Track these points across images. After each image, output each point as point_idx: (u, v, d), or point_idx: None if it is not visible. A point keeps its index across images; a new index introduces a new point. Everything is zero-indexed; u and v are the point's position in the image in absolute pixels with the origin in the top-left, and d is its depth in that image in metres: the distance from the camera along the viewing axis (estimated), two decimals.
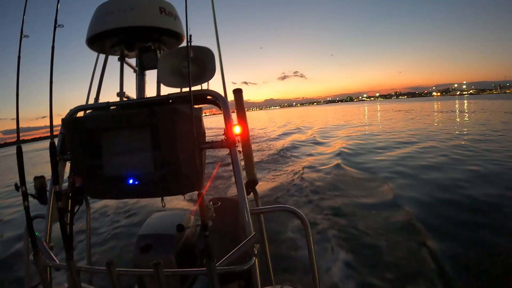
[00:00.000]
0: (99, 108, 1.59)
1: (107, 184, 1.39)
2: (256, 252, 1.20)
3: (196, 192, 1.23)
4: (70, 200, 1.34)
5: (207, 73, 1.47)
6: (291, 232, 4.38)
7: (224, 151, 1.43)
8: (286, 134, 21.27)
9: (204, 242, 1.10)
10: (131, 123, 1.33)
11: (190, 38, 1.39)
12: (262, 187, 7.12)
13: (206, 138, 1.51)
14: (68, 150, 1.47)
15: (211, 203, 1.31)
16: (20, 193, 1.37)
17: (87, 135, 1.38)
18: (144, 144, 1.31)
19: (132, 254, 1.67)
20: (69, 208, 1.34)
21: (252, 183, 1.50)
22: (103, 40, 1.59)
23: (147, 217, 2.05)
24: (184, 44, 1.70)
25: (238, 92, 1.47)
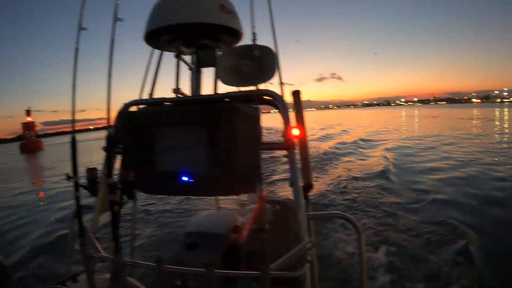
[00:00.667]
0: (153, 104, 1.58)
1: (159, 180, 1.38)
2: (310, 258, 1.17)
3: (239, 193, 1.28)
4: (121, 194, 1.35)
5: (266, 73, 1.44)
6: (334, 238, 4.32)
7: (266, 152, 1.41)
8: (327, 137, 20.84)
9: (257, 245, 1.11)
10: (188, 120, 1.32)
11: (254, 37, 1.38)
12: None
13: None
14: (121, 143, 1.47)
15: (269, 206, 1.28)
16: (71, 183, 1.40)
17: (142, 130, 1.37)
18: (200, 141, 1.29)
19: (174, 251, 1.70)
20: (119, 201, 1.35)
21: (307, 188, 1.47)
22: (160, 36, 1.58)
23: (187, 214, 2.13)
24: (242, 42, 1.67)
25: (296, 94, 1.45)
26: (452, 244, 4.23)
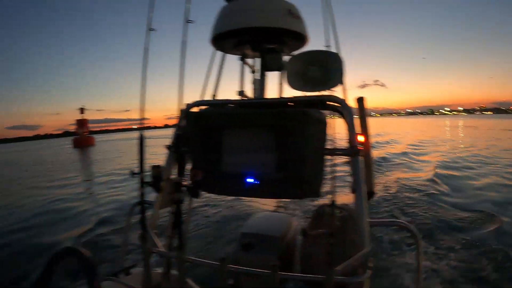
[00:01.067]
0: (217, 105, 1.62)
1: (224, 181, 1.40)
2: (371, 265, 1.16)
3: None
4: (189, 192, 1.37)
5: (333, 79, 1.45)
6: (388, 245, 4.27)
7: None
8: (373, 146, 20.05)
9: (315, 249, 1.16)
10: (257, 123, 1.33)
11: (327, 43, 1.40)
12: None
13: None
14: (187, 143, 1.49)
15: (337, 211, 1.32)
16: (134, 179, 1.42)
17: (209, 130, 1.40)
18: (267, 144, 1.30)
19: (228, 250, 1.73)
20: (182, 200, 1.38)
21: (370, 195, 1.44)
22: (227, 39, 1.59)
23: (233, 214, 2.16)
24: (306, 46, 1.67)
25: (361, 100, 1.42)
26: None
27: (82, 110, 52.60)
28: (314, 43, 1.61)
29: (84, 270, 1.09)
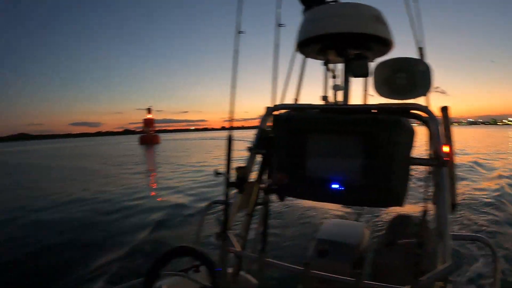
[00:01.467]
0: (299, 109, 1.64)
1: (308, 186, 1.41)
2: (451, 279, 1.15)
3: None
4: (277, 195, 1.41)
5: (421, 87, 1.44)
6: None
7: None
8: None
9: (392, 259, 1.18)
10: (344, 129, 1.34)
11: (421, 51, 1.44)
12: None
13: None
14: (266, 145, 1.54)
15: (417, 221, 1.34)
16: (218, 179, 1.45)
17: (296, 134, 1.41)
18: (355, 150, 1.30)
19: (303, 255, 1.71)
20: (269, 202, 1.40)
21: (453, 206, 1.42)
22: (312, 44, 1.59)
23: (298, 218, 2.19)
24: (391, 52, 1.65)
25: (445, 110, 1.39)
26: None
27: (149, 110, 57.98)
28: (398, 49, 1.59)
29: (207, 269, 1.13)
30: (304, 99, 1.72)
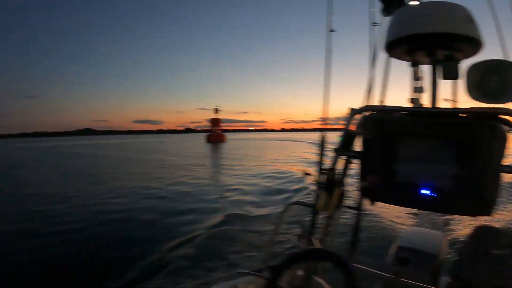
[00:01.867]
0: (385, 111, 1.57)
1: (398, 191, 1.38)
2: None
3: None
4: (370, 198, 1.41)
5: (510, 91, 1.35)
6: None
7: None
8: None
9: (475, 270, 1.15)
10: (437, 133, 1.29)
11: (505, 50, 1.38)
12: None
13: None
14: (352, 147, 1.52)
15: (493, 231, 1.30)
16: (307, 180, 2.10)
17: (387, 137, 1.38)
18: (447, 156, 1.26)
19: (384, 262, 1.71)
20: (361, 206, 1.38)
21: None
22: (400, 45, 1.56)
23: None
24: (481, 53, 1.59)
25: None
26: None
27: (216, 110, 60.90)
28: (487, 50, 1.55)
29: (343, 274, 1.08)
30: (388, 101, 1.71)
